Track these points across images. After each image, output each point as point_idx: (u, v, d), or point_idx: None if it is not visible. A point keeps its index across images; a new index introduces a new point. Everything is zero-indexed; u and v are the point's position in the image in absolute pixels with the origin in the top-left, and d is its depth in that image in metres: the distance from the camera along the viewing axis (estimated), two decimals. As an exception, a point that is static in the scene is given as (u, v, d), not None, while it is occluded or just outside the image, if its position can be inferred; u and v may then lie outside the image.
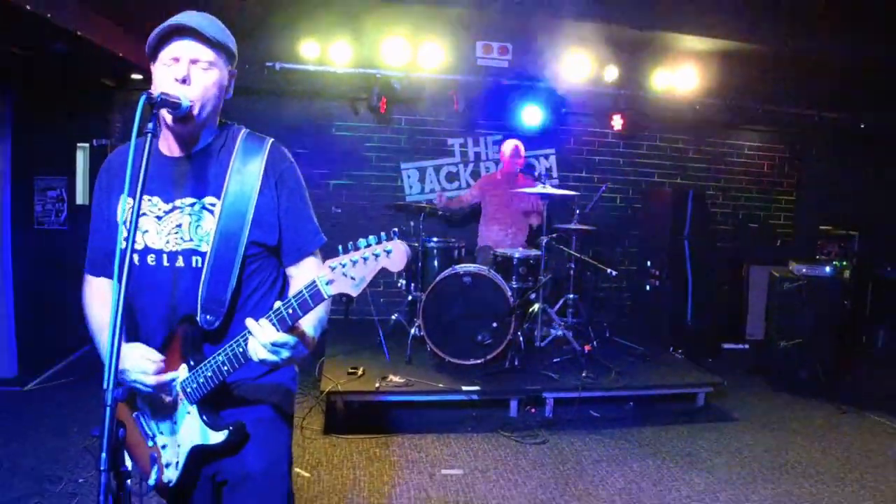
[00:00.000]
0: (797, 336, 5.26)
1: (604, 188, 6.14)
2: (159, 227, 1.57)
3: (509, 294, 4.76)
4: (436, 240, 5.46)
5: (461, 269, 4.85)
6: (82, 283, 1.74)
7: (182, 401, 1.56)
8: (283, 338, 1.39)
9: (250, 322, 1.39)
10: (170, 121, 1.50)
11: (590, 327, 5.36)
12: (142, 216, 1.56)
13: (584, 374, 4.67)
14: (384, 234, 1.34)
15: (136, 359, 1.51)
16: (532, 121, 6.36)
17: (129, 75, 5.21)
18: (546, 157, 6.86)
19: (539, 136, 6.69)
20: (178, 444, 1.59)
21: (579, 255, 5.40)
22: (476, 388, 4.42)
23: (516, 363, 4.78)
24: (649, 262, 6.49)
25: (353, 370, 4.56)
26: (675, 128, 6.97)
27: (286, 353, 1.41)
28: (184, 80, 1.48)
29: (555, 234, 5.28)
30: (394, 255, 1.33)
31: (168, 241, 1.57)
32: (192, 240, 1.56)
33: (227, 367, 1.49)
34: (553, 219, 5.42)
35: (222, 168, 1.59)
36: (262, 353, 1.39)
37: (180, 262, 1.57)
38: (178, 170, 1.59)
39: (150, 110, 1.39)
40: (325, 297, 1.37)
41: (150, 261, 1.58)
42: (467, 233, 6.32)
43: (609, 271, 5.24)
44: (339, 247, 1.35)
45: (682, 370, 5.19)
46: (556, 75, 6.10)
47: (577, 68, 6.02)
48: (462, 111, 6.16)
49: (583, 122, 6.86)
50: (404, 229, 5.41)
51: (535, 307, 5.20)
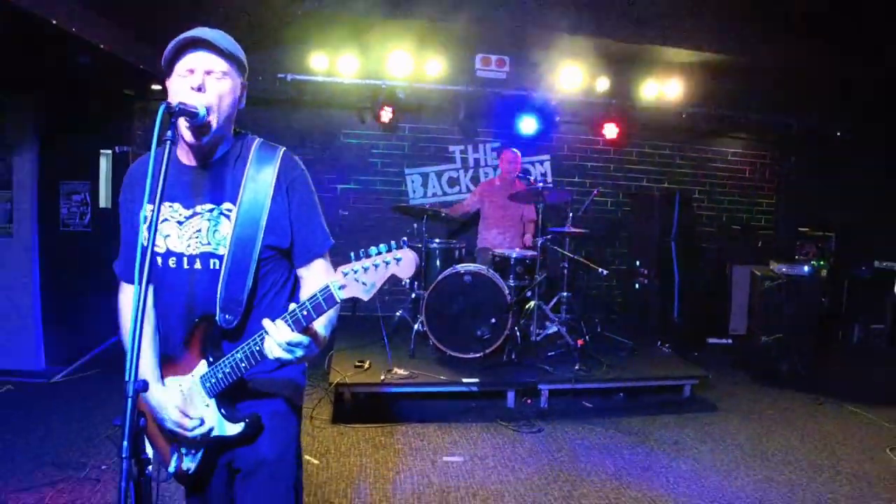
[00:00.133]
0: (778, 331, 5.25)
1: (595, 192, 6.13)
2: (180, 231, 1.57)
3: (507, 292, 4.76)
4: (438, 241, 5.45)
5: (462, 268, 4.85)
6: (113, 284, 1.74)
7: (201, 395, 1.56)
8: (297, 338, 1.39)
9: (267, 323, 1.40)
10: (188, 133, 1.49)
11: (582, 323, 5.35)
12: (164, 222, 1.56)
13: (577, 367, 4.67)
14: (394, 242, 1.35)
15: (172, 410, 1.54)
16: (528, 129, 6.37)
17: (148, 86, 5.21)
18: (541, 162, 6.85)
19: (534, 143, 6.70)
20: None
21: (572, 256, 5.40)
22: (475, 380, 4.42)
23: (513, 357, 4.78)
24: (638, 262, 6.48)
25: (360, 363, 4.56)
26: (662, 135, 6.96)
27: (300, 352, 1.41)
28: (199, 89, 1.47)
29: (549, 236, 5.28)
30: (403, 262, 1.34)
31: (189, 245, 1.57)
32: (209, 243, 1.56)
33: (244, 364, 1.50)
34: (548, 221, 5.41)
35: (238, 176, 1.59)
36: (277, 351, 1.40)
37: (199, 265, 1.57)
38: (196, 177, 1.59)
39: (169, 119, 1.39)
40: (338, 302, 1.37)
41: (172, 263, 1.58)
42: (467, 235, 6.32)
43: (600, 271, 5.23)
44: (352, 253, 1.35)
45: (670, 363, 5.19)
46: (551, 86, 6.11)
47: (571, 79, 6.02)
48: (462, 120, 6.15)
49: (576, 130, 6.85)
50: (408, 231, 5.41)
51: (531, 304, 5.20)
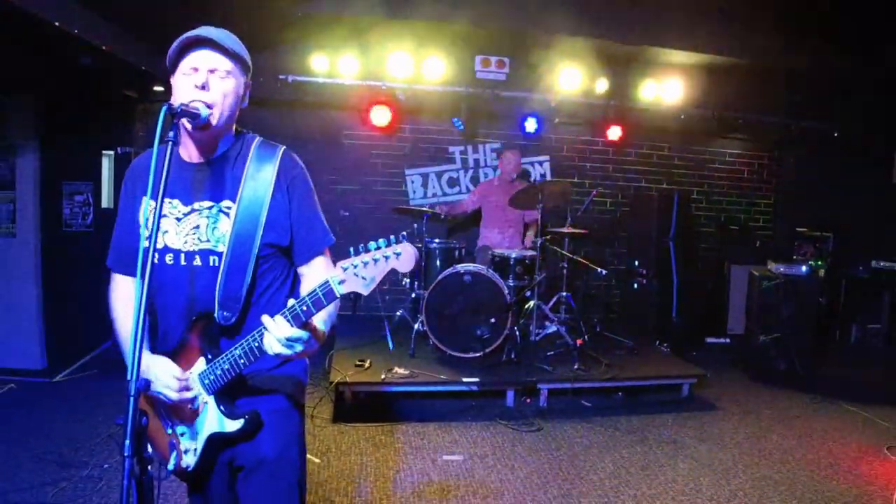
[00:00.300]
0: (775, 331, 5.25)
1: (594, 193, 6.13)
2: (178, 228, 1.57)
3: (506, 292, 4.76)
4: (438, 241, 5.45)
5: (462, 268, 4.85)
6: (108, 279, 1.74)
7: (200, 392, 1.56)
8: (296, 333, 1.39)
9: (266, 318, 1.39)
10: (190, 129, 1.49)
11: (581, 323, 5.35)
12: (162, 217, 1.55)
13: (576, 367, 4.67)
14: (394, 237, 1.34)
15: (161, 373, 1.52)
16: (528, 130, 6.36)
17: (150, 87, 5.21)
18: (541, 163, 6.85)
19: (534, 144, 6.70)
20: (197, 432, 1.58)
21: (572, 256, 5.39)
22: (475, 379, 4.41)
23: (513, 356, 4.77)
24: (637, 262, 6.48)
25: (361, 363, 4.56)
26: (661, 136, 6.96)
27: (299, 347, 1.41)
28: (203, 87, 1.47)
29: (548, 236, 5.28)
30: (403, 257, 1.33)
31: (186, 242, 1.57)
32: (208, 240, 1.56)
33: (243, 361, 1.49)
34: (547, 222, 5.41)
35: (238, 174, 1.58)
36: (276, 347, 1.39)
37: (197, 262, 1.57)
38: (197, 175, 1.59)
39: (171, 120, 1.38)
40: (338, 297, 1.37)
41: (169, 260, 1.57)
42: (467, 234, 6.32)
43: (599, 270, 5.24)
44: (351, 249, 1.35)
45: (668, 363, 5.19)
46: (551, 87, 6.11)
47: (570, 81, 6.01)
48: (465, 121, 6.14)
49: (575, 131, 6.85)
50: (409, 231, 5.39)
51: (531, 304, 5.20)
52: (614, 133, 6.55)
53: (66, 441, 3.59)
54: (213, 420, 1.56)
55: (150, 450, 1.63)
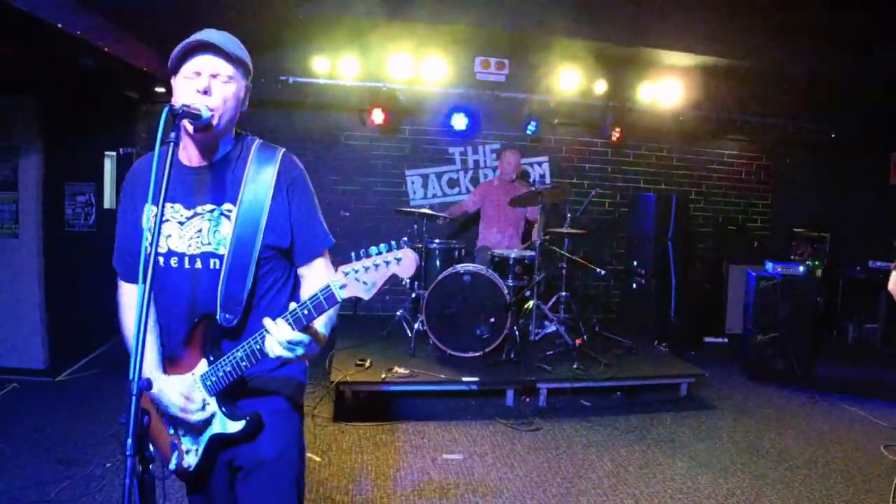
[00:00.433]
0: (773, 330, 5.25)
1: (593, 194, 6.12)
2: (181, 231, 1.57)
3: (506, 292, 4.75)
4: (437, 241, 5.44)
5: (461, 268, 4.84)
6: (113, 281, 1.74)
7: (202, 393, 1.56)
8: (298, 336, 1.39)
9: (268, 321, 1.40)
10: (191, 131, 1.49)
11: (580, 322, 5.35)
12: (165, 222, 1.56)
13: (575, 366, 4.67)
14: (395, 242, 1.35)
15: (175, 396, 1.53)
16: (527, 130, 6.36)
17: (152, 88, 5.21)
18: (540, 164, 6.84)
19: (533, 144, 6.70)
20: (199, 433, 1.58)
21: (571, 256, 5.39)
22: (475, 379, 4.41)
23: (512, 356, 4.77)
24: (636, 262, 6.48)
25: (361, 362, 4.56)
26: (659, 137, 6.95)
27: (300, 351, 1.41)
28: (205, 92, 1.47)
29: (548, 237, 5.27)
30: (404, 262, 1.34)
31: (189, 245, 1.57)
32: (210, 243, 1.56)
33: (245, 363, 1.49)
34: (546, 222, 5.40)
35: (238, 176, 1.58)
36: (278, 350, 1.40)
37: (199, 265, 1.57)
38: (198, 178, 1.59)
39: (173, 121, 1.38)
40: (339, 301, 1.37)
41: (173, 263, 1.57)
42: (467, 235, 6.31)
43: (598, 271, 5.24)
44: (353, 253, 1.35)
45: (666, 362, 5.19)
46: (550, 89, 6.11)
47: (569, 82, 6.01)
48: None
49: (574, 132, 6.84)
50: (409, 231, 5.40)
51: (530, 304, 5.20)
52: (613, 134, 6.54)
53: (69, 440, 3.59)
54: (215, 421, 1.56)
55: (151, 449, 1.63)
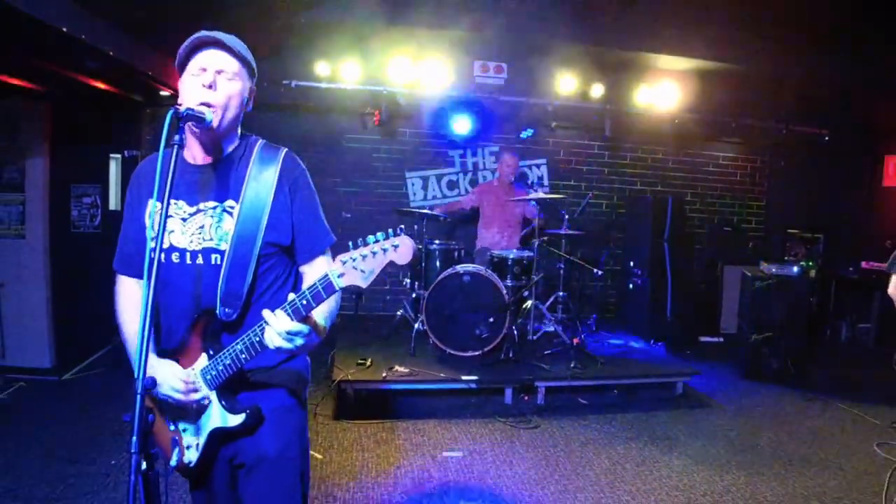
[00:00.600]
0: (768, 330, 5.25)
1: (590, 196, 6.13)
2: (184, 227, 1.57)
3: (504, 292, 4.75)
4: (437, 242, 5.45)
5: (461, 268, 4.84)
6: (114, 280, 1.74)
7: (202, 388, 1.56)
8: (296, 327, 1.39)
9: (267, 312, 1.40)
10: (197, 132, 1.50)
11: (578, 322, 5.35)
12: (168, 218, 1.56)
13: (572, 365, 4.67)
14: (391, 230, 1.35)
15: (169, 377, 1.52)
16: (525, 133, 6.36)
17: (156, 91, 5.21)
18: (538, 166, 6.85)
19: (531, 147, 6.71)
20: (199, 428, 1.58)
21: (568, 257, 5.40)
22: (474, 377, 4.41)
23: (511, 355, 4.77)
24: (632, 263, 6.48)
25: (362, 361, 4.56)
26: (655, 140, 6.96)
27: (300, 341, 1.41)
28: (210, 86, 1.48)
29: (546, 238, 5.28)
30: (401, 249, 1.34)
31: (191, 241, 1.57)
32: (212, 239, 1.56)
33: (244, 356, 1.49)
34: (544, 223, 5.41)
35: (241, 175, 1.59)
36: (277, 340, 1.40)
37: (201, 260, 1.57)
38: (201, 177, 1.59)
39: (177, 123, 1.39)
40: (337, 289, 1.37)
41: (175, 258, 1.58)
42: (466, 236, 6.32)
43: (595, 271, 5.24)
44: (350, 243, 1.35)
45: (663, 361, 5.20)
46: (548, 92, 6.11)
47: (567, 86, 6.02)
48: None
49: (571, 135, 6.85)
50: (409, 233, 5.37)
51: (528, 304, 5.20)
52: (610, 137, 6.54)
53: (74, 438, 3.59)
54: (216, 415, 1.56)
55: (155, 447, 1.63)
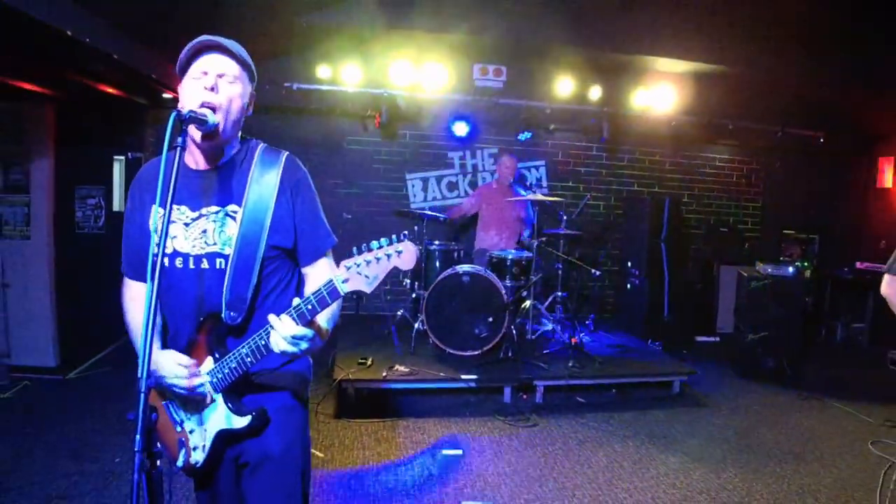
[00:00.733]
0: (763, 330, 5.25)
1: (588, 197, 6.13)
2: (187, 232, 1.57)
3: (504, 292, 4.76)
4: (437, 243, 5.45)
5: (460, 269, 4.85)
6: (121, 284, 1.74)
7: (209, 390, 1.56)
8: (301, 331, 1.39)
9: (272, 317, 1.40)
10: (198, 137, 1.50)
11: (576, 322, 5.36)
12: (171, 223, 1.56)
13: (571, 364, 4.67)
14: (395, 236, 1.35)
15: (170, 365, 1.52)
16: (523, 136, 6.37)
17: (160, 94, 5.21)
18: (536, 168, 6.85)
19: (530, 149, 6.71)
20: (205, 429, 1.58)
21: (566, 257, 5.40)
22: (474, 376, 4.41)
23: (510, 354, 4.77)
24: (630, 263, 6.48)
25: (363, 360, 4.56)
26: (652, 142, 6.96)
27: (304, 345, 1.41)
28: (212, 89, 1.48)
29: (544, 238, 5.28)
30: (405, 255, 1.34)
31: (194, 246, 1.57)
32: (216, 244, 1.56)
33: (250, 359, 1.49)
34: (543, 224, 5.41)
35: (243, 178, 1.59)
36: (282, 345, 1.40)
37: (205, 264, 1.57)
38: (204, 181, 1.59)
39: (180, 126, 1.39)
40: (341, 295, 1.37)
41: (179, 263, 1.57)
42: (466, 237, 6.32)
43: (593, 271, 5.25)
44: (354, 248, 1.35)
45: (660, 360, 5.19)
46: (546, 94, 6.12)
47: (565, 88, 6.04)
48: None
49: (570, 137, 6.85)
50: (409, 234, 5.38)
51: (527, 304, 5.20)
52: (608, 139, 6.54)
53: (79, 436, 3.59)
54: (222, 417, 1.56)
55: (158, 446, 1.63)
